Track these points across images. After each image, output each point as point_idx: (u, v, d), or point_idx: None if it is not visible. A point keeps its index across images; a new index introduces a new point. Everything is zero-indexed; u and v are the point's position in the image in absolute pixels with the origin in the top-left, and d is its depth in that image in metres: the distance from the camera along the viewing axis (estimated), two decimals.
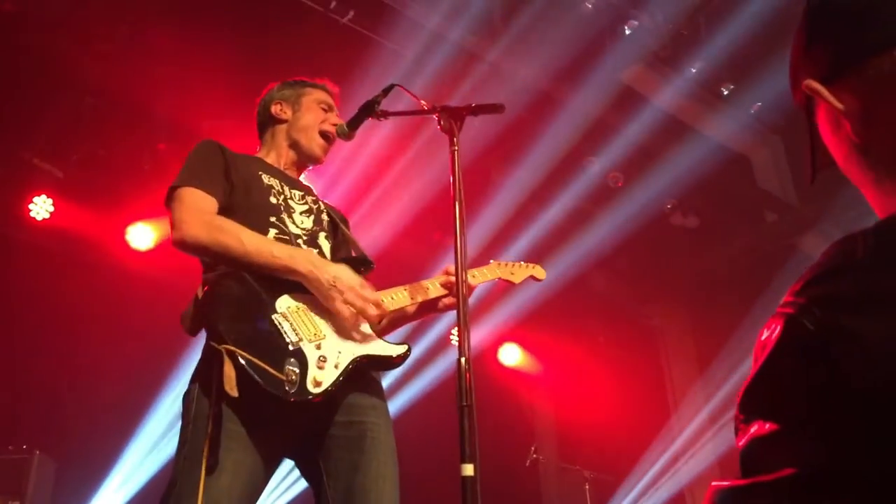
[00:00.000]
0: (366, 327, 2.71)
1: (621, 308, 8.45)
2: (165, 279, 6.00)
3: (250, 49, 5.62)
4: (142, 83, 5.88)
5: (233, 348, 2.36)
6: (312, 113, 3.05)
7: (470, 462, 2.13)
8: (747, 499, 0.78)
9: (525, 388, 9.55)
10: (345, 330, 2.63)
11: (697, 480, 7.89)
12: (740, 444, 0.82)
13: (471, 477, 2.12)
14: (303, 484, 2.63)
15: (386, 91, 2.81)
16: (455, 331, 7.37)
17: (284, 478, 6.42)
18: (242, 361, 2.34)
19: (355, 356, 2.58)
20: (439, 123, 2.63)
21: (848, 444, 0.74)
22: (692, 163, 7.14)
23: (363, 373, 2.65)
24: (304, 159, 3.06)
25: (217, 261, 2.61)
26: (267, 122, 3.11)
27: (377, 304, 2.64)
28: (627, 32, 5.79)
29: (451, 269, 2.82)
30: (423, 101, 2.72)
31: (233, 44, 5.64)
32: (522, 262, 3.32)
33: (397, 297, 2.81)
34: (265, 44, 5.63)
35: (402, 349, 2.71)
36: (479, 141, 6.06)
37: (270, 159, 3.02)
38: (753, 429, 0.81)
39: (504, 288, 3.15)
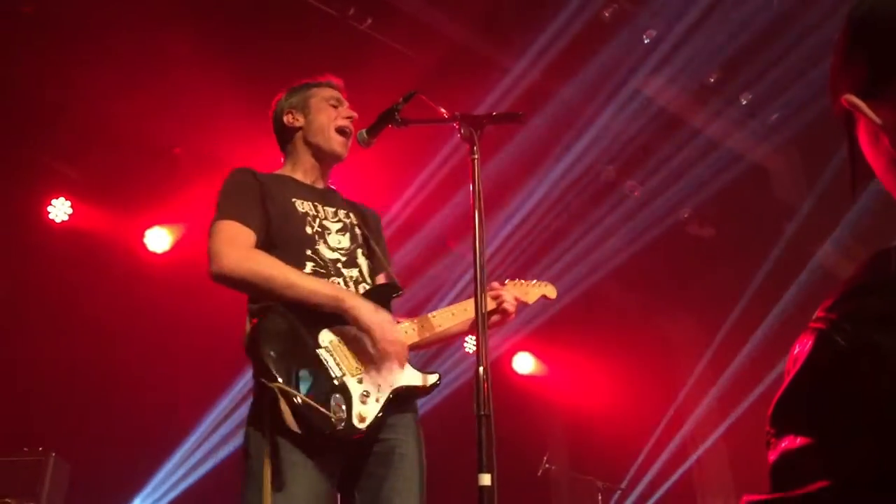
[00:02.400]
0: None
1: (635, 318, 8.42)
2: (182, 282, 6.03)
3: (266, 53, 5.64)
4: (158, 87, 5.91)
5: (284, 387, 2.42)
6: (323, 113, 3.05)
7: (488, 472, 2.13)
8: None
9: (537, 397, 9.52)
10: (381, 361, 2.67)
11: (711, 492, 7.85)
12: (771, 458, 0.82)
13: (488, 487, 2.12)
14: None
15: (406, 98, 2.81)
16: (469, 339, 7.41)
17: None
18: (295, 401, 2.41)
19: (393, 387, 2.66)
20: (459, 132, 2.63)
21: (880, 458, 0.74)
22: (709, 172, 7.12)
23: (400, 398, 2.70)
24: (327, 160, 3.06)
25: (257, 293, 2.66)
26: (284, 134, 3.11)
27: (405, 348, 2.70)
28: (645, 41, 5.77)
29: (496, 284, 2.95)
30: (442, 109, 2.72)
31: (249, 48, 5.67)
32: (535, 281, 3.37)
33: (425, 324, 2.86)
34: (281, 48, 5.65)
35: (433, 378, 2.80)
36: (495, 149, 6.08)
37: (298, 175, 3.03)
38: (784, 443, 0.81)
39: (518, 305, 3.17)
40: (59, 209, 6.35)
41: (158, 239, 6.57)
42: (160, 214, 6.60)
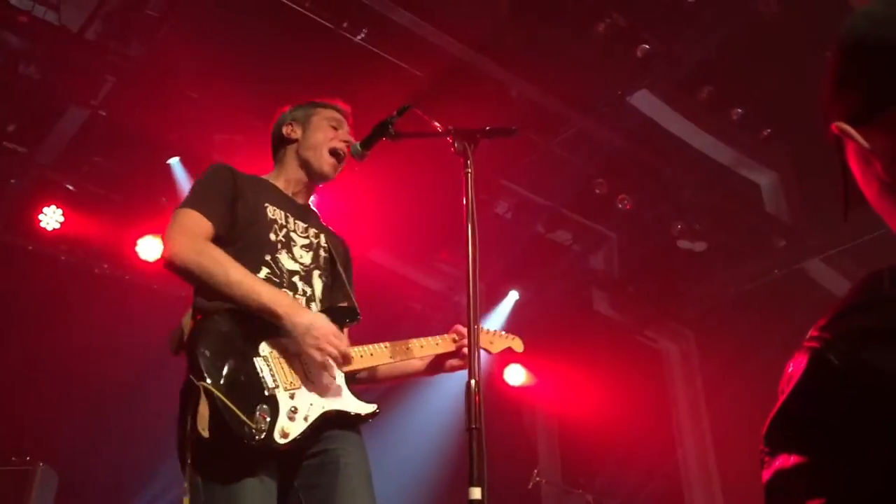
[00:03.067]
0: (341, 380, 2.75)
1: (627, 331, 8.43)
2: (174, 291, 6.01)
3: (262, 65, 5.64)
4: (154, 97, 5.91)
5: (210, 387, 2.40)
6: (322, 131, 3.06)
7: (478, 485, 2.12)
8: None
9: (528, 410, 9.51)
10: (320, 380, 2.67)
11: None
12: (765, 477, 0.82)
13: (479, 500, 2.11)
14: None
15: (400, 112, 2.81)
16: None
17: None
18: (217, 402, 2.38)
19: (325, 410, 2.63)
20: (453, 146, 2.64)
21: (875, 476, 0.75)
22: (701, 186, 7.15)
23: (330, 422, 2.67)
24: (314, 178, 3.07)
25: (199, 287, 2.65)
26: (279, 144, 3.13)
27: (346, 357, 2.66)
28: (639, 56, 5.79)
29: (463, 331, 2.89)
30: (436, 123, 2.73)
31: (244, 59, 5.67)
32: (503, 332, 3.36)
33: (376, 353, 2.84)
34: (276, 60, 5.66)
35: (370, 408, 2.77)
36: (486, 159, 6.08)
37: (280, 184, 3.04)
38: (778, 462, 0.82)
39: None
40: (51, 217, 6.32)
41: (151, 248, 6.55)
42: (153, 224, 6.58)
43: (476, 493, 2.11)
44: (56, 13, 5.53)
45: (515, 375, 8.80)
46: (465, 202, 2.48)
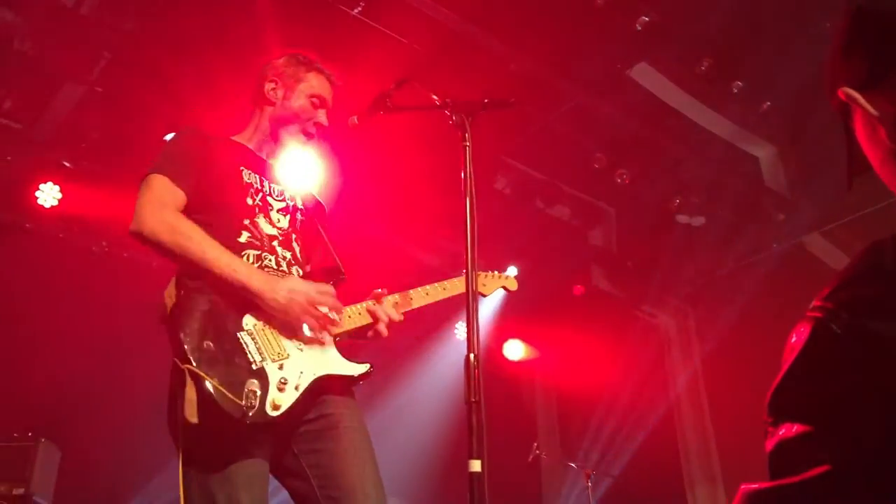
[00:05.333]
0: (330, 343, 2.72)
1: (625, 305, 8.45)
2: (172, 269, 6.00)
3: (258, 38, 5.59)
4: (150, 73, 5.87)
5: (195, 370, 2.36)
6: (300, 108, 2.99)
7: (478, 458, 2.13)
8: (778, 500, 0.79)
9: (527, 385, 9.56)
10: (308, 347, 2.64)
11: (699, 479, 7.89)
12: (769, 446, 0.83)
13: (478, 473, 2.12)
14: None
15: (398, 85, 2.79)
16: (459, 325, 7.40)
17: None
18: (203, 384, 2.35)
19: (316, 376, 2.60)
20: (451, 119, 2.62)
21: (877, 443, 0.75)
22: (699, 160, 7.13)
23: (323, 387, 2.65)
24: (284, 146, 3.01)
25: (172, 260, 2.60)
26: (258, 98, 3.05)
27: (337, 309, 2.68)
28: (638, 28, 5.75)
29: (379, 292, 2.86)
30: (434, 96, 2.70)
31: (241, 33, 5.63)
32: (495, 273, 3.32)
33: (363, 313, 2.82)
34: (273, 33, 5.61)
35: (363, 368, 2.74)
36: (484, 134, 6.05)
37: (252, 145, 2.99)
38: (782, 431, 0.82)
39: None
40: (48, 194, 6.30)
41: None
42: None
43: (476, 465, 2.12)
44: None
45: (514, 350, 8.85)
46: (463, 176, 2.47)
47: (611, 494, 7.24)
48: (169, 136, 6.25)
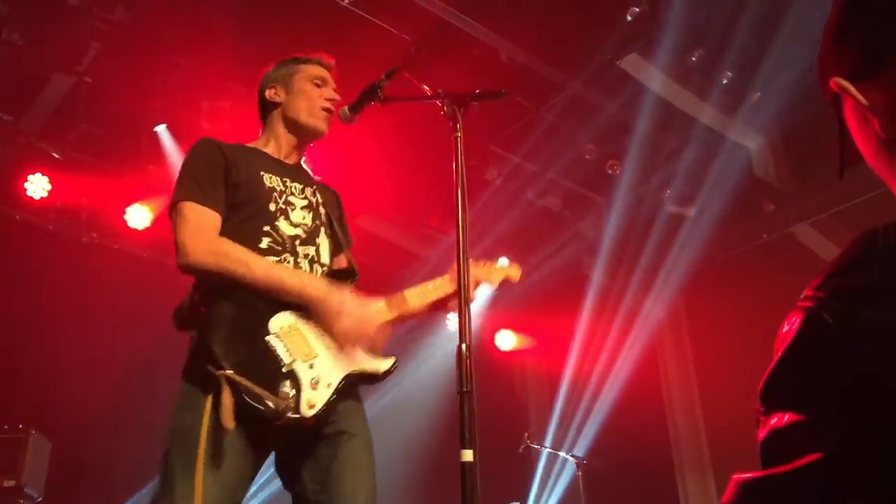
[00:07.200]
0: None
1: (616, 295, 8.47)
2: (162, 259, 5.99)
3: (248, 30, 5.58)
4: (140, 64, 5.84)
5: (231, 375, 2.36)
6: (304, 94, 2.98)
7: (469, 448, 2.13)
8: (770, 488, 0.79)
9: (519, 374, 9.58)
10: (335, 346, 2.65)
11: (689, 467, 7.94)
12: (761, 435, 0.83)
13: (470, 462, 2.13)
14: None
15: (389, 75, 2.78)
16: (451, 316, 7.40)
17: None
18: (241, 388, 2.36)
19: (346, 373, 2.62)
20: (442, 109, 2.61)
21: (870, 433, 0.75)
22: (690, 151, 7.14)
23: (353, 384, 2.67)
24: (305, 136, 3.00)
25: (223, 283, 2.57)
26: (265, 108, 3.05)
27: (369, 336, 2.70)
28: (629, 19, 5.75)
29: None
30: (425, 87, 2.69)
31: (231, 24, 5.60)
32: (501, 263, 3.36)
33: (382, 311, 2.83)
34: (263, 24, 5.59)
35: (389, 363, 2.77)
36: (475, 125, 6.05)
37: (270, 149, 2.96)
38: (773, 420, 0.82)
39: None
40: (38, 185, 6.27)
41: (139, 216, 6.51)
42: (141, 191, 6.54)
43: (468, 455, 2.12)
44: None
45: (506, 340, 8.87)
46: (454, 166, 2.46)
47: (602, 483, 7.27)
48: (160, 128, 6.30)
